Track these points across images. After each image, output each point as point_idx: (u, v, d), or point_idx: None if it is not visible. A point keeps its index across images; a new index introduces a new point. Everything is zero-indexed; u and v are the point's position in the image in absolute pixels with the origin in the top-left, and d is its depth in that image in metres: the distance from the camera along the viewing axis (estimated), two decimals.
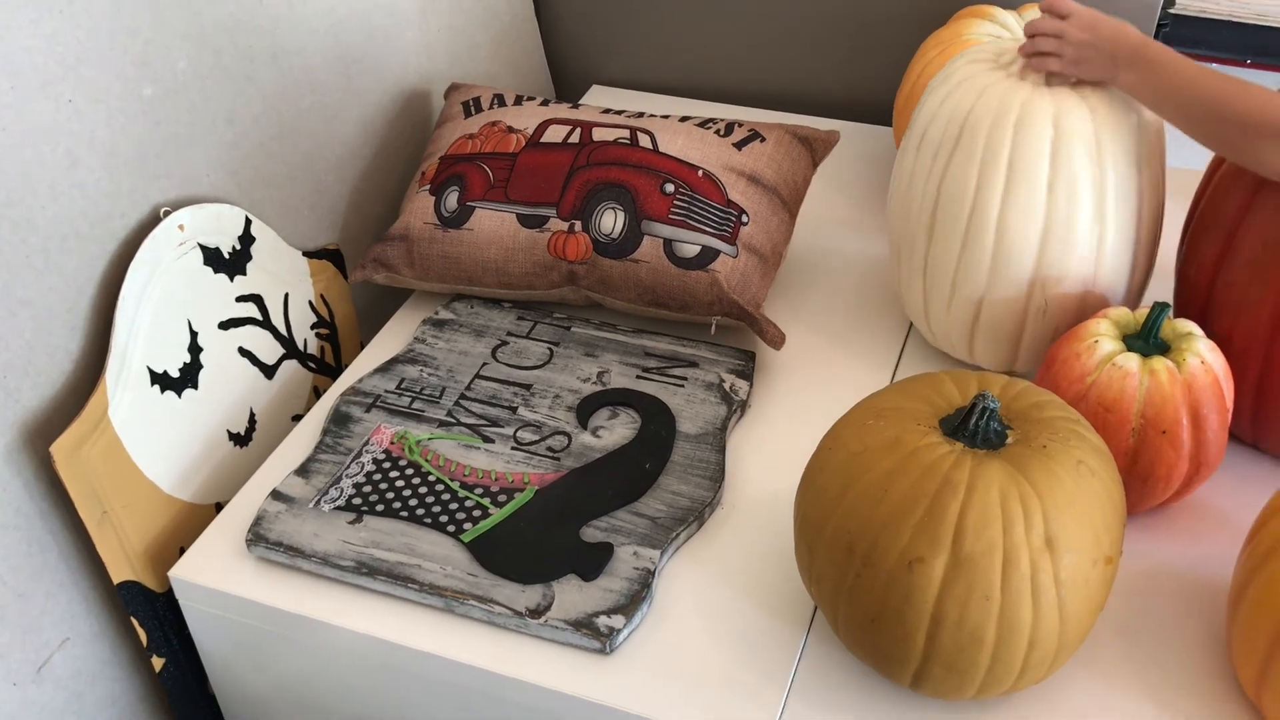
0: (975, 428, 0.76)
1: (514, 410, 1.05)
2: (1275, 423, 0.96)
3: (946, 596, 0.72)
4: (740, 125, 1.17)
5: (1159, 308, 0.91)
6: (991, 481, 0.73)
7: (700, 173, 1.12)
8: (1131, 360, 0.89)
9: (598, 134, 1.15)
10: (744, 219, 1.11)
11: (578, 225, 1.11)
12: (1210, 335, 0.93)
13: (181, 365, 1.02)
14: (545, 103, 1.22)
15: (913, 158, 1.03)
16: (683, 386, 1.07)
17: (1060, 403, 0.80)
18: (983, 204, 0.96)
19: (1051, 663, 0.77)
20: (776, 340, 1.08)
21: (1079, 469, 0.74)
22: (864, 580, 0.75)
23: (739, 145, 1.15)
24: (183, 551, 0.99)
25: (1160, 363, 0.89)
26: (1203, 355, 0.90)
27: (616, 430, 1.03)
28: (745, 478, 1.01)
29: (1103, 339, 0.91)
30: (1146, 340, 0.91)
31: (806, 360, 1.13)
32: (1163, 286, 1.08)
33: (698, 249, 1.09)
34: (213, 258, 1.05)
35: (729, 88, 1.54)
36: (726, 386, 1.07)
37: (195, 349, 1.03)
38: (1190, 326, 0.92)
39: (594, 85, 1.61)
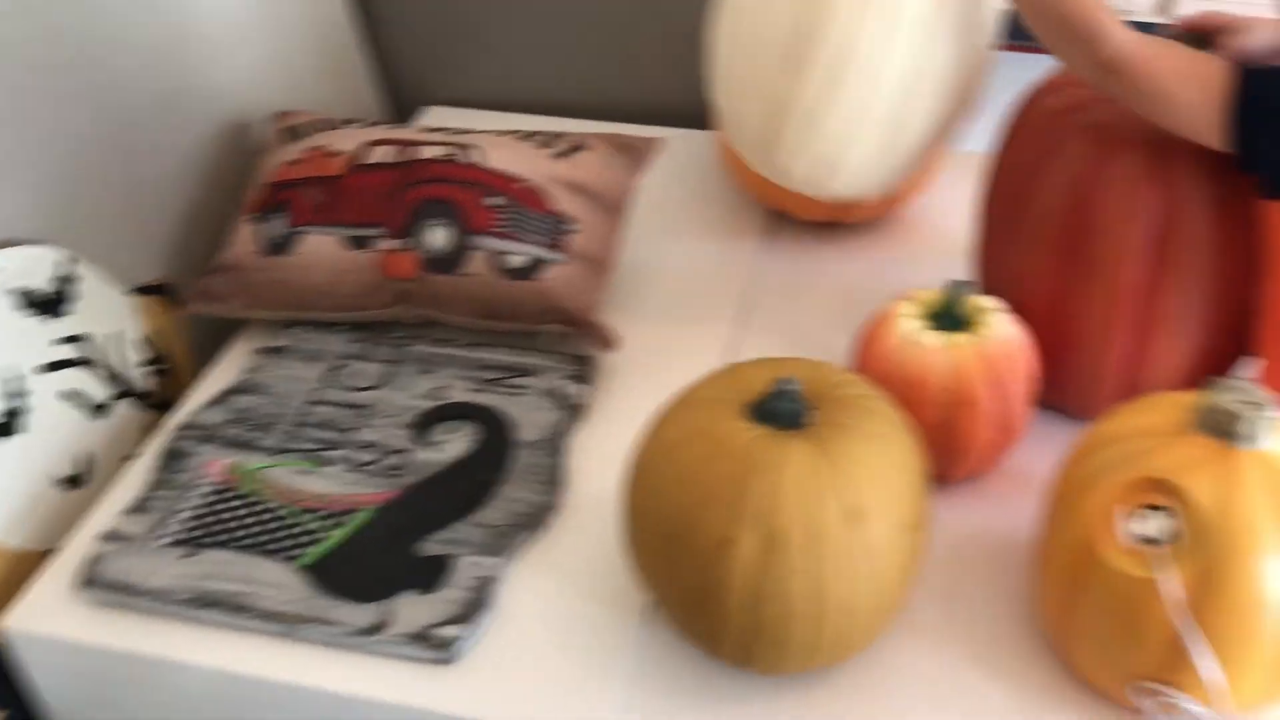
0: (777, 410, 0.79)
1: (351, 432, 1.06)
2: (1068, 387, 1.02)
3: (758, 574, 0.75)
4: (563, 137, 1.20)
5: (957, 286, 0.95)
6: (793, 460, 0.76)
7: (524, 184, 1.14)
8: (933, 338, 0.94)
9: (422, 152, 1.16)
10: (571, 227, 1.13)
11: (405, 243, 1.11)
12: (1010, 307, 0.99)
13: (4, 412, 1.00)
14: (371, 125, 1.23)
15: None
16: (521, 395, 1.08)
17: (859, 381, 0.84)
18: (856, 40, 0.92)
19: (868, 630, 0.80)
20: (609, 344, 1.10)
21: (875, 442, 0.78)
22: (682, 567, 0.78)
23: (562, 156, 1.17)
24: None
25: (961, 338, 0.94)
26: (1001, 328, 0.95)
27: (455, 444, 1.04)
28: (587, 480, 1.03)
29: (907, 319, 0.96)
30: (948, 317, 0.95)
31: (645, 360, 1.15)
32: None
33: (526, 259, 1.10)
34: (32, 300, 1.03)
35: (562, 102, 1.57)
36: (564, 392, 1.09)
37: (18, 394, 1.01)
38: (989, 301, 0.97)
39: (429, 106, 1.62)
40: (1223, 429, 0.74)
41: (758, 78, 0.96)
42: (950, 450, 0.95)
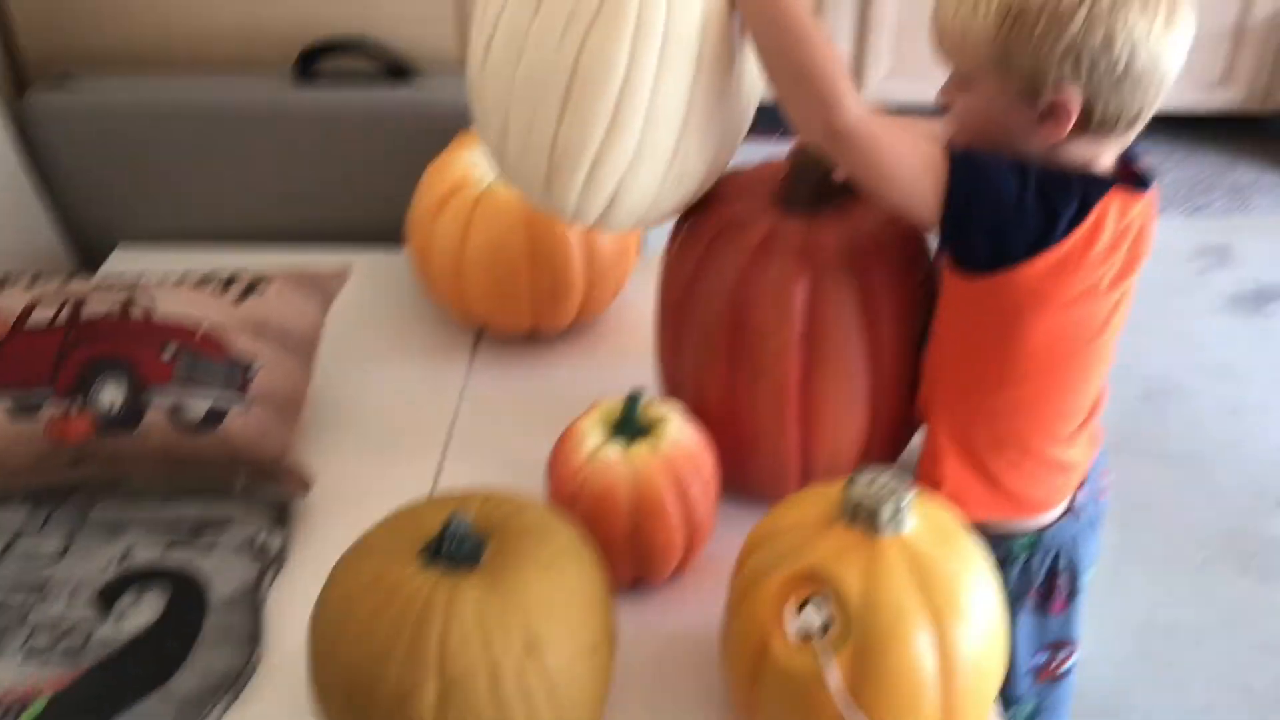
0: (449, 551, 0.79)
1: (27, 614, 0.99)
2: (756, 478, 1.07)
3: None
4: (241, 277, 1.17)
5: (632, 398, 0.99)
6: (468, 600, 0.76)
7: (201, 331, 1.11)
8: (615, 450, 0.96)
9: (90, 307, 1.11)
10: (253, 370, 1.11)
11: (76, 406, 1.06)
12: (690, 409, 1.03)
13: None
14: (33, 282, 1.17)
15: (529, 18, 0.90)
16: (214, 550, 1.04)
17: (536, 506, 0.85)
18: (636, 79, 0.89)
19: None
20: (304, 487, 1.08)
21: (551, 570, 0.79)
22: None
23: (241, 297, 1.15)
24: None
25: (641, 447, 0.97)
26: (678, 433, 0.98)
27: (143, 612, 0.99)
28: (289, 634, 0.99)
29: (590, 435, 0.98)
30: (629, 427, 0.98)
31: (351, 497, 1.13)
32: None
33: (207, 409, 1.07)
34: None
35: (257, 229, 1.54)
36: (261, 542, 1.05)
37: None
38: (667, 408, 1.01)
39: (121, 246, 1.56)
40: (864, 518, 0.79)
41: (540, 124, 0.92)
42: (646, 557, 0.98)
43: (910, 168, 0.89)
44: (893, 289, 1.01)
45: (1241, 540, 1.85)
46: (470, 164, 1.30)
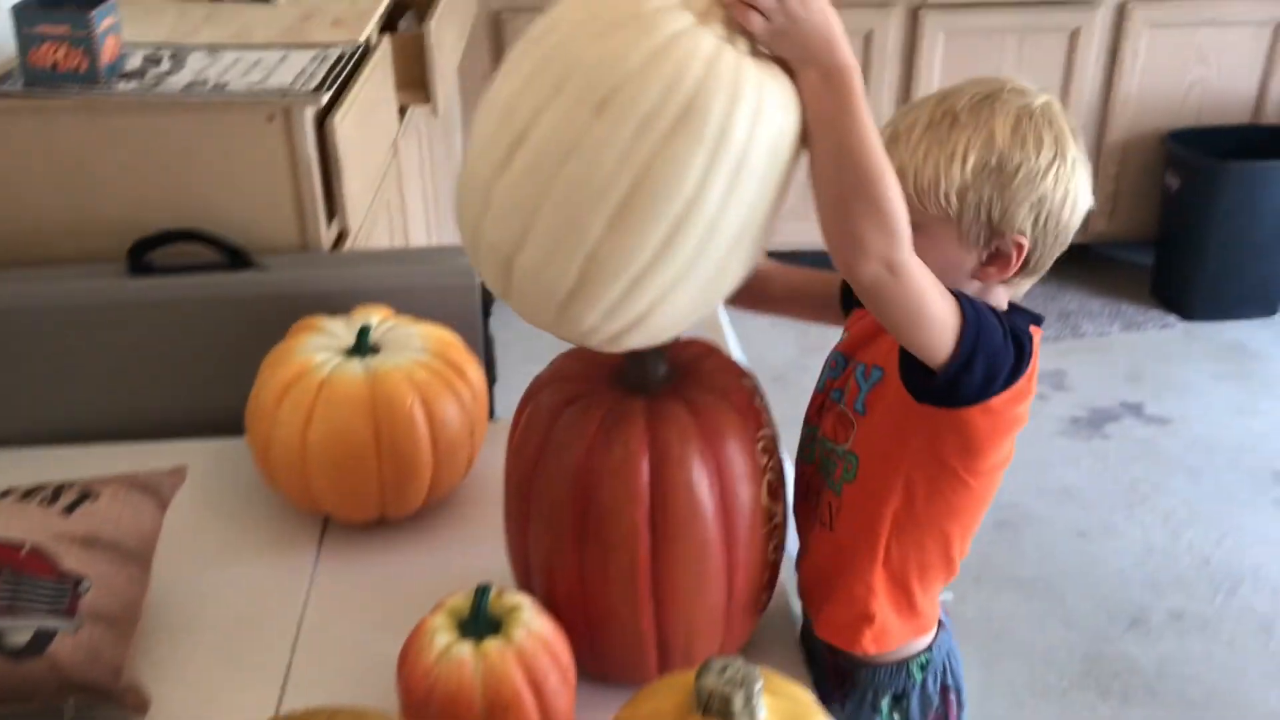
0: None
1: None
2: (615, 662, 1.05)
3: None
4: (70, 488, 1.13)
5: (480, 591, 0.97)
6: None
7: (24, 550, 1.05)
8: (464, 649, 0.94)
9: None
10: (82, 587, 1.05)
11: None
12: (541, 597, 1.01)
13: None
14: None
15: (587, 118, 0.82)
16: None
17: (372, 716, 0.82)
18: (704, 196, 0.83)
19: None
20: (138, 709, 1.02)
21: None
22: None
23: (69, 510, 1.10)
24: None
25: (491, 644, 0.95)
26: (530, 624, 0.97)
27: None
28: None
29: (439, 633, 0.96)
30: (479, 622, 0.96)
31: (194, 710, 1.08)
32: None
33: (31, 634, 1.01)
34: None
35: (89, 426, 1.49)
36: None
37: None
38: (517, 598, 0.99)
39: None
40: (717, 709, 0.79)
41: (580, 232, 0.84)
42: None
43: (944, 307, 0.93)
44: (737, 458, 1.02)
45: (1100, 664, 1.90)
46: (311, 350, 1.29)
